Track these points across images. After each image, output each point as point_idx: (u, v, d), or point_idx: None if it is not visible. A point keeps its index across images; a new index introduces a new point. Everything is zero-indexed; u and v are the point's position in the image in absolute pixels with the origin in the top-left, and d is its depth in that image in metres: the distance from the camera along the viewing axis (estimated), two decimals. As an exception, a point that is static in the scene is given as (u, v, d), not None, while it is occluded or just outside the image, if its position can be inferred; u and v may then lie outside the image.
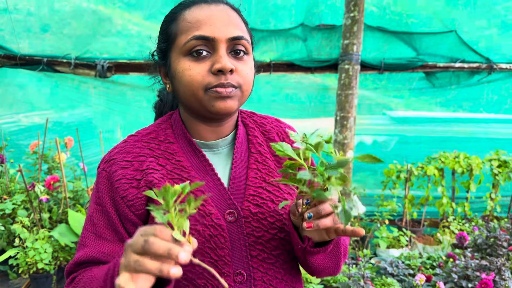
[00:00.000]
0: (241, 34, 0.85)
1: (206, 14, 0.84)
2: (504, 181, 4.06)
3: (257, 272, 0.87)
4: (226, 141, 0.95)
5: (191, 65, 0.83)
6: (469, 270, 2.64)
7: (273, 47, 4.68)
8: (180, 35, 0.86)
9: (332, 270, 0.91)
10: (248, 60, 0.88)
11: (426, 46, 4.46)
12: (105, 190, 0.87)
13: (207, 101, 0.84)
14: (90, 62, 4.17)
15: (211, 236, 0.84)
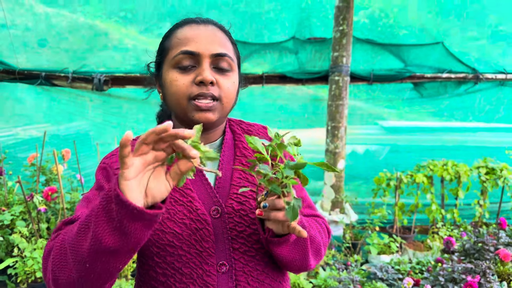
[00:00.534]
0: (224, 51, 0.96)
1: (194, 33, 0.95)
2: (492, 188, 4.17)
3: (239, 263, 0.95)
4: (213, 145, 1.05)
5: (178, 77, 0.94)
6: (456, 273, 2.73)
7: (266, 59, 4.81)
8: (171, 50, 0.97)
9: (300, 263, 0.99)
10: (231, 75, 0.98)
11: (414, 57, 4.61)
12: (102, 176, 0.98)
13: (189, 111, 0.95)
14: (87, 76, 4.27)
15: (197, 229, 0.93)
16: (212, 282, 0.93)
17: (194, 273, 0.93)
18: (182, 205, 0.95)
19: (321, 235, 1.08)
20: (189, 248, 0.93)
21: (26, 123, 5.01)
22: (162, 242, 0.93)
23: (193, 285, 0.93)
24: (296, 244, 0.95)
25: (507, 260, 3.09)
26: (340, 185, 4.20)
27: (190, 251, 0.93)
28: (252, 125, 1.15)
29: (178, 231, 0.93)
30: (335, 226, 3.98)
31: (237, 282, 0.95)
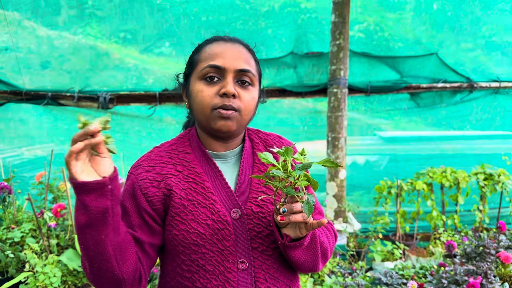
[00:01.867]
0: (248, 68, 1.06)
1: (221, 49, 1.06)
2: (490, 193, 4.25)
3: (257, 261, 1.05)
4: (234, 152, 1.15)
5: (204, 88, 1.04)
6: (458, 275, 2.80)
7: (266, 74, 4.92)
8: (199, 63, 1.08)
9: (311, 264, 1.08)
10: (252, 90, 1.08)
11: (409, 68, 4.74)
12: (128, 188, 1.08)
13: (212, 119, 1.04)
14: (92, 95, 4.39)
15: (219, 229, 1.02)
16: (233, 278, 1.02)
17: (217, 269, 1.02)
18: (205, 207, 1.04)
19: (329, 240, 1.17)
20: (212, 247, 1.02)
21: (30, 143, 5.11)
22: (187, 242, 1.02)
23: (215, 281, 1.01)
24: (308, 248, 1.05)
25: (508, 262, 3.16)
26: (342, 195, 4.28)
27: (213, 249, 1.02)
28: (269, 135, 1.26)
29: (201, 231, 1.02)
30: (339, 235, 4.04)
31: (256, 278, 1.04)
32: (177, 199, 1.04)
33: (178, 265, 1.06)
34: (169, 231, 1.05)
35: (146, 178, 1.06)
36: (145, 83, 4.96)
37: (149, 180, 1.06)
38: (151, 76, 5.12)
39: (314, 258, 1.07)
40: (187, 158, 1.11)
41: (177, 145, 1.15)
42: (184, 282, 1.04)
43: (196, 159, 1.11)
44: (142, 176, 1.07)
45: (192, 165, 1.10)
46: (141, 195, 1.05)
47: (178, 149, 1.13)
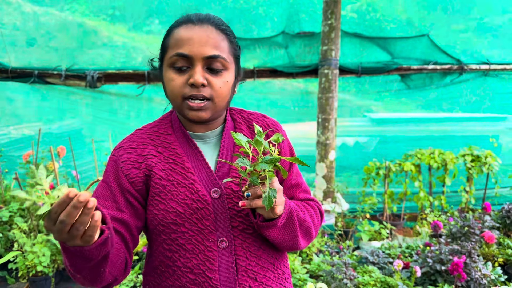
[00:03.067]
0: (217, 53, 1.02)
1: (188, 34, 1.01)
2: (477, 174, 4.32)
3: (238, 240, 1.05)
4: (215, 133, 1.14)
5: (174, 77, 1.03)
6: (443, 255, 2.86)
7: (257, 54, 4.89)
8: (168, 50, 1.05)
9: (291, 243, 1.09)
10: (224, 74, 1.04)
11: (400, 50, 4.73)
12: (111, 170, 1.08)
13: (183, 109, 1.04)
14: (80, 73, 4.32)
15: (198, 209, 1.03)
16: (213, 257, 1.03)
17: (197, 248, 1.03)
18: (184, 187, 1.04)
19: (313, 218, 1.17)
20: (191, 226, 1.03)
21: (17, 122, 5.04)
22: (166, 221, 1.03)
23: (196, 259, 1.03)
24: (285, 227, 1.05)
25: (491, 242, 3.23)
26: (331, 176, 4.32)
27: (192, 228, 1.03)
28: (253, 114, 1.23)
29: (180, 211, 1.02)
30: (328, 215, 4.09)
31: (237, 256, 1.05)
32: (156, 179, 1.05)
33: (160, 244, 1.07)
34: (150, 210, 1.06)
35: (127, 159, 1.07)
36: (134, 62, 4.89)
37: (130, 162, 1.06)
38: (140, 54, 5.04)
39: (293, 237, 1.08)
40: (168, 139, 1.11)
41: (159, 127, 1.14)
42: (166, 261, 1.05)
43: (177, 140, 1.11)
44: (124, 158, 1.07)
45: (173, 146, 1.10)
46: (123, 177, 1.05)
47: (159, 131, 1.13)
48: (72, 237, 0.80)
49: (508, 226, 3.71)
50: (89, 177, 4.71)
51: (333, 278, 2.70)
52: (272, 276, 1.10)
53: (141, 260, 3.34)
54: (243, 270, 1.05)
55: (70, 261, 0.89)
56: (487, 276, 2.72)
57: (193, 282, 1.02)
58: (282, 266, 1.16)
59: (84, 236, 0.81)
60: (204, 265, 1.02)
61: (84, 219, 0.78)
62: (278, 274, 1.13)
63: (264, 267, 1.09)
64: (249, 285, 1.05)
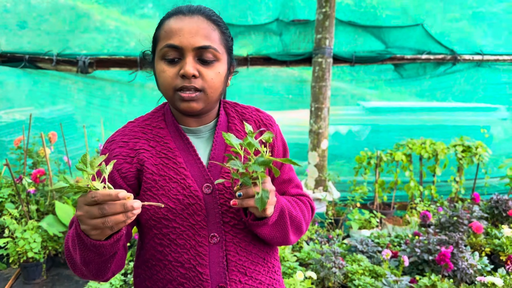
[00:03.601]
0: (208, 44, 1.00)
1: (178, 26, 1.00)
2: (467, 165, 4.36)
3: (229, 235, 1.06)
4: (208, 127, 1.13)
5: (165, 68, 1.01)
6: (431, 245, 2.90)
7: (250, 41, 4.85)
8: (159, 41, 1.04)
9: (281, 239, 1.10)
10: (216, 65, 1.03)
11: (394, 39, 4.71)
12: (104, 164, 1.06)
13: (175, 100, 1.03)
14: (71, 59, 4.27)
15: (190, 204, 1.03)
16: (204, 252, 1.03)
17: (188, 243, 1.03)
18: (176, 182, 1.04)
19: (304, 213, 1.17)
20: (182, 221, 1.03)
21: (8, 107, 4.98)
22: (158, 216, 1.03)
23: (187, 254, 1.03)
24: (276, 225, 1.06)
25: (479, 232, 3.28)
26: (323, 165, 4.34)
27: (184, 224, 1.03)
28: (246, 108, 1.22)
29: (172, 206, 1.02)
30: (319, 203, 4.12)
31: (227, 251, 1.05)
32: (148, 174, 1.04)
33: (151, 239, 1.07)
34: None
35: (119, 154, 1.06)
36: (127, 46, 4.84)
37: (122, 156, 1.06)
38: (133, 39, 4.98)
39: (284, 234, 1.09)
40: (160, 133, 1.10)
41: (151, 120, 1.13)
42: (157, 255, 1.06)
43: (169, 135, 1.10)
44: (116, 152, 1.06)
45: (165, 140, 1.09)
46: (115, 172, 1.05)
47: (152, 124, 1.12)
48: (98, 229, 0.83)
49: (496, 217, 3.77)
50: (81, 163, 4.69)
51: (322, 266, 2.73)
52: (262, 270, 1.12)
53: (133, 247, 3.35)
54: (233, 265, 1.06)
55: (81, 254, 0.91)
56: (474, 266, 2.76)
57: (183, 276, 1.03)
58: (272, 259, 1.17)
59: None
60: (195, 260, 1.03)
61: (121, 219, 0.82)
62: (268, 267, 1.14)
63: (255, 262, 1.10)
64: (239, 279, 1.06)
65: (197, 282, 1.02)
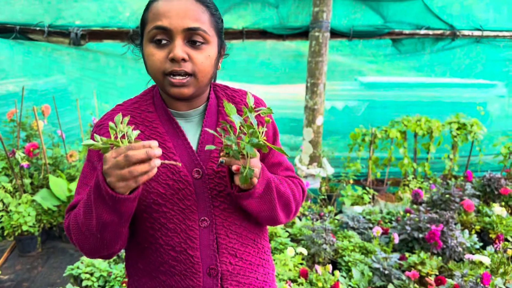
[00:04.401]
0: (197, 25, 0.97)
1: (166, 7, 0.97)
2: (462, 142, 4.36)
3: (219, 219, 1.06)
4: (197, 111, 1.12)
5: (154, 51, 0.98)
6: (422, 222, 2.94)
7: (246, 14, 4.75)
8: (147, 24, 1.00)
9: (268, 214, 1.09)
10: (206, 48, 1.00)
11: (393, 13, 4.62)
12: (95, 151, 1.06)
13: (165, 85, 1.01)
14: (63, 30, 4.18)
15: (179, 189, 1.03)
16: (194, 235, 1.04)
17: (178, 227, 1.04)
18: (166, 167, 1.03)
19: (293, 192, 1.17)
20: (173, 206, 1.03)
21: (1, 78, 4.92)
22: (148, 201, 1.03)
23: (177, 238, 1.04)
24: (262, 198, 1.06)
25: (470, 210, 3.32)
26: (318, 141, 4.33)
27: (174, 208, 1.03)
28: (237, 91, 1.20)
29: (161, 191, 1.02)
30: (313, 179, 4.14)
31: (217, 234, 1.06)
32: None
33: (142, 222, 1.07)
34: None
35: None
36: (121, 16, 4.73)
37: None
38: (127, 8, 4.87)
39: (271, 208, 1.09)
40: (149, 117, 1.09)
41: (140, 103, 1.12)
42: (149, 238, 1.07)
43: (158, 119, 1.09)
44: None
45: (154, 124, 1.08)
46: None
47: (140, 108, 1.11)
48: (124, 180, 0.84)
49: (488, 194, 3.80)
50: (75, 136, 4.68)
51: (313, 243, 2.77)
52: (252, 251, 1.13)
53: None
54: (224, 248, 1.07)
55: (99, 216, 0.91)
56: (463, 244, 2.81)
57: (175, 259, 1.05)
58: (262, 240, 1.18)
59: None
60: (185, 243, 1.04)
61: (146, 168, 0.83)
62: (258, 248, 1.16)
63: (245, 243, 1.11)
64: (230, 261, 1.08)
65: (188, 265, 1.04)
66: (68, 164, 3.92)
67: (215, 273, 1.05)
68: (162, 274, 1.06)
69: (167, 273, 1.06)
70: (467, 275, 2.39)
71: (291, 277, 2.48)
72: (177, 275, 1.05)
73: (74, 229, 0.99)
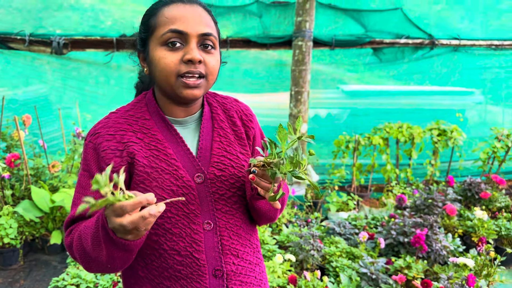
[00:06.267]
0: (210, 31, 1.03)
1: (181, 12, 1.01)
2: (442, 148, 4.46)
3: (221, 221, 1.09)
4: (193, 118, 1.14)
5: (166, 54, 1.00)
6: (406, 227, 2.98)
7: (230, 23, 4.79)
8: (158, 28, 1.02)
9: (273, 213, 1.16)
10: (215, 53, 1.06)
11: (374, 23, 4.73)
12: (92, 158, 1.05)
13: (177, 87, 1.02)
14: (45, 39, 4.13)
15: (183, 194, 1.04)
16: (199, 239, 1.06)
17: (183, 232, 1.05)
18: (169, 174, 1.05)
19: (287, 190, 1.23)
20: (177, 211, 1.05)
21: (-19, 88, 4.82)
22: None
23: (182, 242, 1.05)
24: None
25: (452, 214, 3.39)
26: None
27: (178, 213, 1.05)
28: (226, 98, 1.24)
29: (166, 197, 1.03)
30: (298, 186, 4.17)
31: (221, 237, 1.09)
32: (140, 167, 1.04)
33: None
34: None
35: (107, 148, 1.04)
36: (103, 26, 4.71)
37: (111, 150, 1.04)
38: (109, 18, 4.85)
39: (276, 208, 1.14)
40: (146, 124, 1.09)
41: (134, 111, 1.12)
42: (152, 244, 1.07)
43: (156, 126, 1.10)
44: (103, 146, 1.04)
45: (153, 132, 1.09)
46: (105, 167, 1.03)
47: (136, 115, 1.11)
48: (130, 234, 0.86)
49: (469, 199, 3.89)
50: (57, 146, 4.60)
51: (301, 249, 2.78)
52: (249, 251, 1.17)
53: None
54: (227, 249, 1.10)
55: (109, 252, 0.91)
56: (447, 247, 2.86)
57: (180, 263, 1.06)
58: (255, 240, 1.22)
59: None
60: (191, 247, 1.05)
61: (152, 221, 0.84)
62: (253, 247, 1.19)
63: (244, 244, 1.15)
64: (233, 261, 1.10)
65: (194, 268, 1.05)
66: (50, 175, 3.85)
67: (221, 274, 1.08)
68: (167, 280, 1.07)
69: (172, 278, 1.06)
70: (452, 278, 2.43)
71: (280, 284, 2.49)
72: (183, 279, 1.06)
73: (79, 252, 0.99)
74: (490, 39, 4.98)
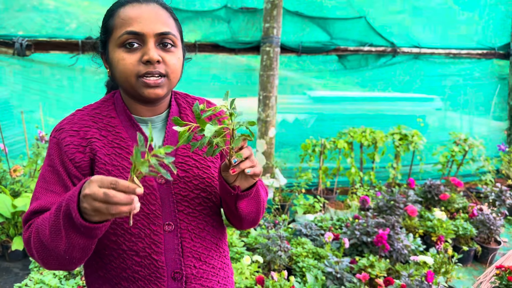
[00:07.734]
0: (168, 30, 1.02)
1: (137, 13, 1.00)
2: (404, 152, 4.63)
3: (183, 223, 1.08)
4: (160, 117, 1.13)
5: (124, 56, 1.00)
6: (370, 227, 3.08)
7: (198, 27, 4.80)
8: (115, 30, 1.02)
9: (254, 215, 1.15)
10: (175, 51, 1.05)
11: (338, 31, 4.87)
12: (55, 153, 1.04)
13: (138, 87, 1.02)
14: (7, 40, 4.02)
15: (144, 194, 1.04)
16: (159, 240, 1.05)
17: (142, 232, 1.04)
18: (128, 173, 1.03)
19: (266, 194, 1.25)
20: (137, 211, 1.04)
21: None
22: None
23: (141, 243, 1.04)
24: (253, 199, 1.11)
25: (413, 215, 3.52)
26: (271, 152, 4.43)
27: (138, 213, 1.03)
28: (198, 99, 1.24)
29: None
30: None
31: (182, 239, 1.08)
32: (101, 164, 1.03)
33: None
34: None
35: (71, 143, 1.03)
36: (67, 28, 4.62)
37: (74, 145, 1.03)
38: (74, 20, 4.76)
39: (257, 208, 1.14)
40: (112, 123, 1.09)
41: (101, 109, 1.11)
42: (110, 245, 1.05)
43: (121, 124, 1.09)
44: (67, 141, 1.04)
45: (117, 130, 1.08)
46: (68, 161, 1.03)
47: (102, 113, 1.10)
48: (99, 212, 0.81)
49: (429, 200, 4.06)
50: (18, 150, 4.46)
51: (269, 250, 2.82)
52: (214, 255, 1.15)
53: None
54: (188, 251, 1.08)
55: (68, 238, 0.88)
56: (408, 247, 2.98)
57: (139, 264, 1.04)
58: (223, 245, 1.21)
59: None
60: (150, 248, 1.04)
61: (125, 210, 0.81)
62: (220, 252, 1.18)
63: (208, 247, 1.13)
64: (194, 264, 1.09)
65: (153, 269, 1.04)
66: (11, 179, 3.74)
67: (180, 276, 1.06)
68: (125, 281, 1.05)
69: (130, 279, 1.05)
70: (413, 275, 2.54)
71: (248, 285, 2.52)
72: (141, 280, 1.04)
73: (37, 246, 0.96)
74: (449, 48, 5.22)
